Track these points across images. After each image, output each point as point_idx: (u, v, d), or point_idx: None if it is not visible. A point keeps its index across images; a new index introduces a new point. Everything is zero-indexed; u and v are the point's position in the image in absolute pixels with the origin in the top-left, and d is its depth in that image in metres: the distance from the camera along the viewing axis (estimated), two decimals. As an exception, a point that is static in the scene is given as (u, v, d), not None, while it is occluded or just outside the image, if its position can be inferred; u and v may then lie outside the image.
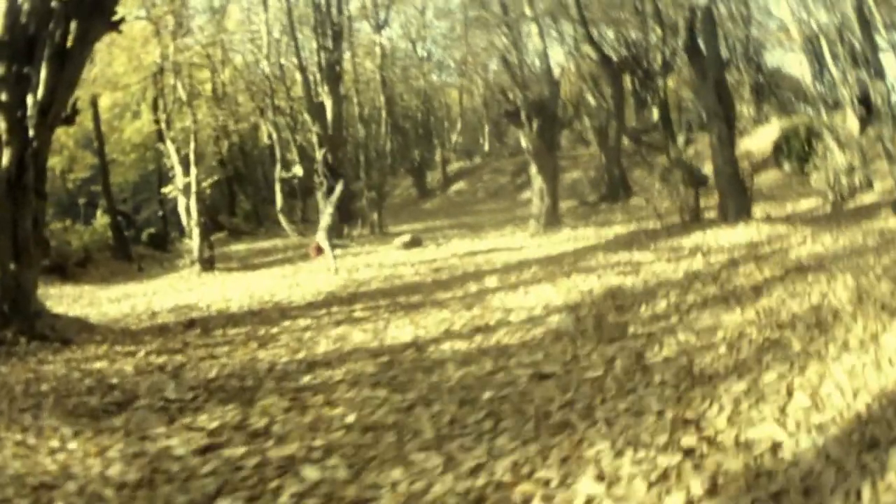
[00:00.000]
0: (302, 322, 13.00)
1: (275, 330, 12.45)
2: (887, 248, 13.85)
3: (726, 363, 8.16)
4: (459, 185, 48.18)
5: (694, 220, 21.56)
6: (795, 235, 16.92)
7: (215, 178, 33.00)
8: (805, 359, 7.77)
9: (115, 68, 34.67)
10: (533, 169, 26.14)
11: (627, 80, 41.07)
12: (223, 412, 7.86)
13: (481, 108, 54.28)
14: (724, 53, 48.07)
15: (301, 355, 10.55)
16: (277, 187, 33.59)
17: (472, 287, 15.57)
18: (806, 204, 24.59)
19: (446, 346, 10.54)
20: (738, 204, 20.40)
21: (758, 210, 21.94)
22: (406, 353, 10.20)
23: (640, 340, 9.86)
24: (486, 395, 7.89)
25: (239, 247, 33.02)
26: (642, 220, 24.77)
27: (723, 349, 8.79)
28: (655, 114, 42.13)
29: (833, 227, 17.30)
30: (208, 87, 39.92)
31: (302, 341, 11.46)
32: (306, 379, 9.25)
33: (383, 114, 44.29)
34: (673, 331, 10.10)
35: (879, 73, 29.60)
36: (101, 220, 36.41)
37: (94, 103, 34.70)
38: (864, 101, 27.21)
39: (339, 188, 23.85)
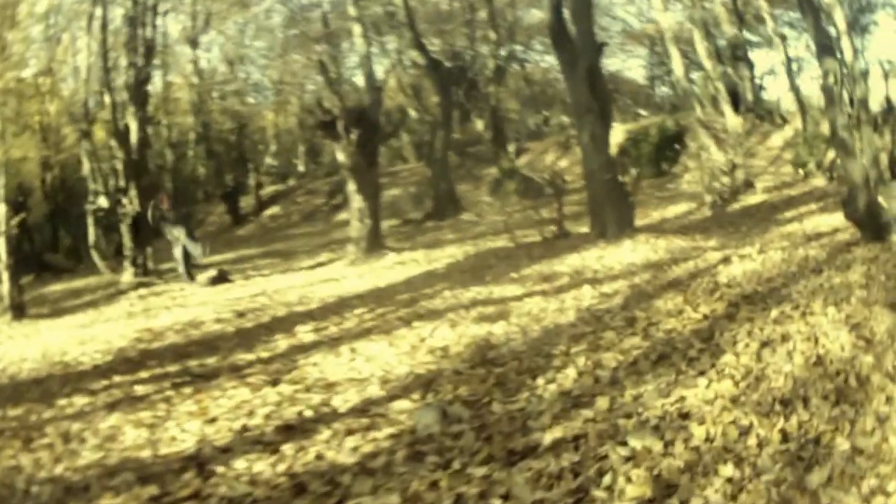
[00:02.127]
0: (78, 401, 8.99)
1: (48, 414, 8.61)
2: (845, 259, 10.66)
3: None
4: (273, 210, 43.38)
5: (559, 236, 17.13)
6: (704, 250, 13.13)
7: (22, 215, 27.97)
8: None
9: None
10: (351, 186, 21.07)
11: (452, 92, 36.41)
12: None
13: (296, 129, 50.22)
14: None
15: (60, 468, 6.85)
16: (89, 220, 28.33)
17: (281, 342, 10.72)
18: (675, 209, 20.71)
19: (242, 465, 6.27)
20: (619, 215, 15.89)
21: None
22: (183, 481, 6.08)
23: (564, 456, 5.37)
24: None
25: (56, 287, 27.63)
26: (481, 239, 20.63)
27: (725, 472, 4.82)
28: (481, 125, 37.89)
29: (738, 234, 14.54)
30: (37, 118, 35.73)
31: (68, 439, 7.62)
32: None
33: (191, 136, 39.61)
34: (611, 429, 5.85)
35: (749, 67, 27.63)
36: None
37: None
38: (733, 97, 24.20)
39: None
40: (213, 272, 20.37)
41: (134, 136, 24.31)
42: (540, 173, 19.04)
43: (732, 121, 23.62)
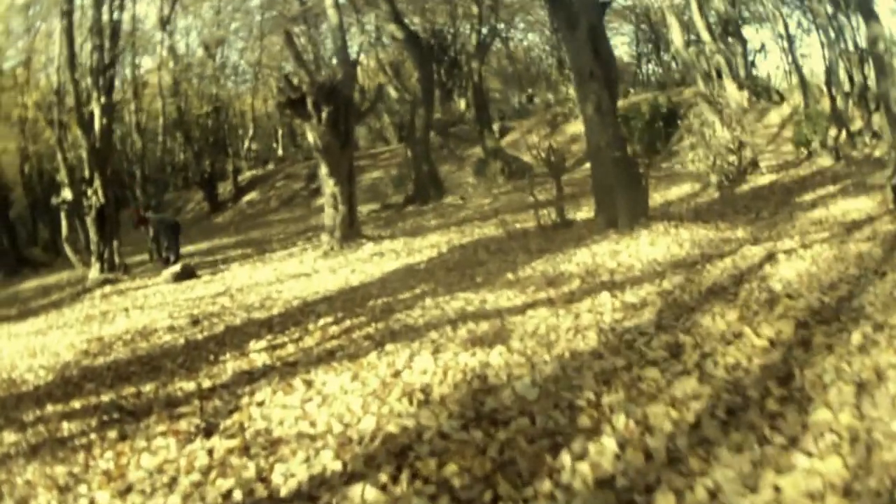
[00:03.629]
0: (6, 438, 7.42)
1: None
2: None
3: None
4: (252, 195, 41.54)
5: (560, 224, 14.44)
6: (736, 242, 10.76)
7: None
8: None
9: None
10: (323, 170, 18.46)
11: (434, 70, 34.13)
12: None
13: (275, 112, 47.85)
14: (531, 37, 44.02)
15: None
16: (62, 214, 26.20)
17: (230, 364, 8.61)
18: (678, 191, 18.18)
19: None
20: (631, 200, 13.12)
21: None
22: None
23: None
24: None
25: (31, 284, 26.21)
26: (468, 225, 18.15)
27: None
28: (463, 104, 37.19)
29: (764, 222, 12.26)
30: (16, 111, 35.17)
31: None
32: None
33: (161, 121, 37.50)
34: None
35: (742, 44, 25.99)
36: None
37: None
38: (719, 74, 21.87)
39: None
40: (177, 267, 18.65)
41: (98, 124, 21.97)
42: (535, 149, 16.36)
43: (736, 95, 21.44)
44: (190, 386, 7.91)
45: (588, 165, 21.95)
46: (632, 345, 6.66)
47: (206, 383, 7.89)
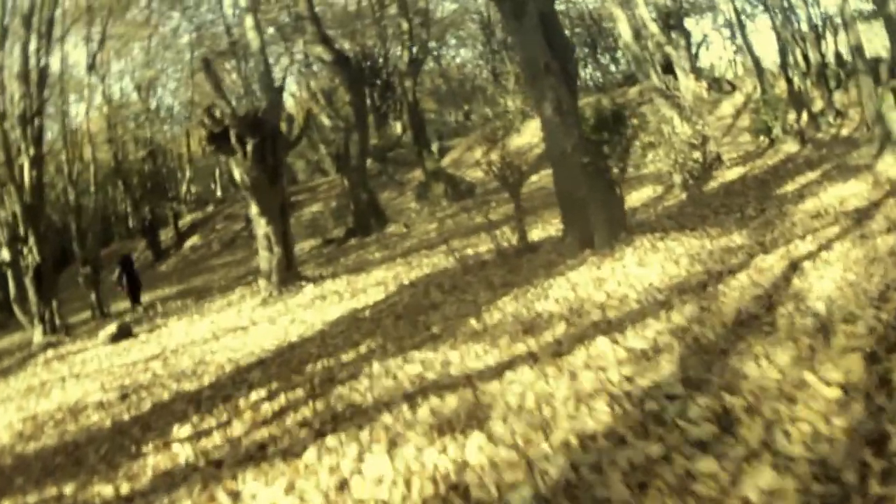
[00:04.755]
0: None
1: None
2: None
3: None
4: (193, 240, 39.50)
5: (525, 249, 12.07)
6: (739, 251, 8.91)
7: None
8: None
9: None
10: (253, 209, 16.33)
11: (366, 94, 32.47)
12: None
13: (211, 153, 46.15)
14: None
15: None
16: (9, 274, 24.27)
17: (150, 460, 6.99)
18: (639, 196, 16.42)
19: None
20: (606, 213, 10.79)
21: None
22: None
23: None
24: None
25: None
26: (414, 256, 16.18)
27: None
28: (398, 128, 35.63)
29: (758, 222, 10.54)
30: None
31: None
32: None
33: (91, 168, 35.40)
34: None
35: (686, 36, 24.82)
36: None
37: None
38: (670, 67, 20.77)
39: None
40: (113, 327, 16.81)
41: (28, 177, 20.46)
42: (488, 164, 14.25)
43: (692, 87, 19.87)
44: (107, 491, 6.54)
45: (535, 178, 20.10)
46: (660, 416, 4.73)
47: (125, 488, 6.50)
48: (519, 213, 12.35)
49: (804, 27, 20.30)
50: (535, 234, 13.46)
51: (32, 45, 20.95)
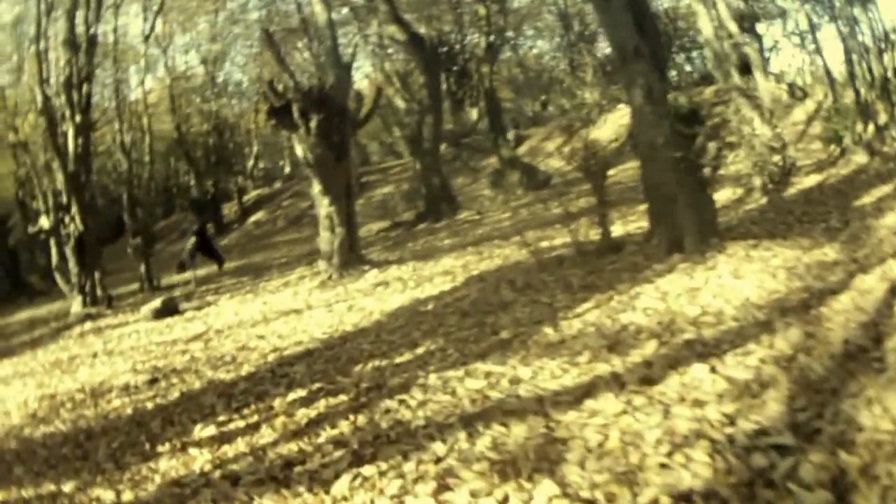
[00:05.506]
0: None
1: None
2: None
3: None
4: (258, 216, 38.90)
5: (608, 248, 10.64)
6: (837, 266, 7.73)
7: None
8: None
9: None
10: (316, 187, 15.53)
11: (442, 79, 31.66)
12: None
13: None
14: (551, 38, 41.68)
15: None
16: (51, 242, 23.61)
17: (162, 464, 6.20)
18: (718, 198, 14.79)
19: None
20: (697, 216, 9.49)
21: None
22: None
23: None
24: None
25: (23, 315, 24.39)
26: (486, 245, 15.11)
27: None
28: (474, 114, 33.60)
29: (845, 234, 9.22)
30: (10, 135, 32.63)
31: None
32: None
33: (147, 139, 34.85)
34: None
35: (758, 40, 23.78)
36: None
37: None
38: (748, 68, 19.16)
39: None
40: (157, 303, 16.02)
41: (72, 144, 19.67)
42: (571, 153, 13.05)
43: (771, 89, 18.74)
44: (108, 496, 5.79)
45: (612, 172, 18.97)
46: (769, 476, 3.75)
47: (127, 495, 5.73)
48: (602, 208, 11.06)
49: (867, 40, 19.18)
50: (615, 231, 12.03)
51: (81, 13, 20.39)
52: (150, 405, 8.20)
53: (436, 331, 8.40)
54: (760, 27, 34.77)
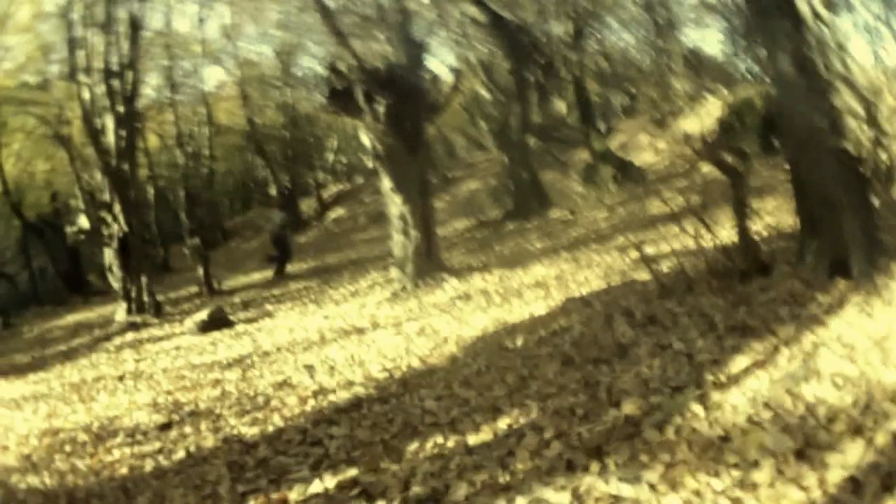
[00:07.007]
0: None
1: None
2: None
3: None
4: (339, 212, 37.09)
5: (753, 269, 7.47)
6: None
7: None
8: None
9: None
10: (386, 183, 13.44)
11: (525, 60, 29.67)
12: None
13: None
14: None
15: None
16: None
17: None
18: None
19: None
20: (864, 228, 6.38)
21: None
22: None
23: None
24: None
25: (69, 319, 23.09)
26: (581, 250, 12.95)
27: None
28: (563, 106, 31.94)
29: None
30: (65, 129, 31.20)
31: None
32: None
33: (206, 131, 34.10)
34: None
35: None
36: None
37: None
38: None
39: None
40: (204, 314, 14.51)
41: (112, 138, 17.94)
42: (700, 142, 10.43)
43: (874, 80, 16.30)
44: None
45: (705, 168, 16.26)
46: None
47: None
48: (742, 214, 7.81)
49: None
50: (726, 235, 8.75)
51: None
52: (148, 465, 6.54)
53: (526, 387, 5.95)
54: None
